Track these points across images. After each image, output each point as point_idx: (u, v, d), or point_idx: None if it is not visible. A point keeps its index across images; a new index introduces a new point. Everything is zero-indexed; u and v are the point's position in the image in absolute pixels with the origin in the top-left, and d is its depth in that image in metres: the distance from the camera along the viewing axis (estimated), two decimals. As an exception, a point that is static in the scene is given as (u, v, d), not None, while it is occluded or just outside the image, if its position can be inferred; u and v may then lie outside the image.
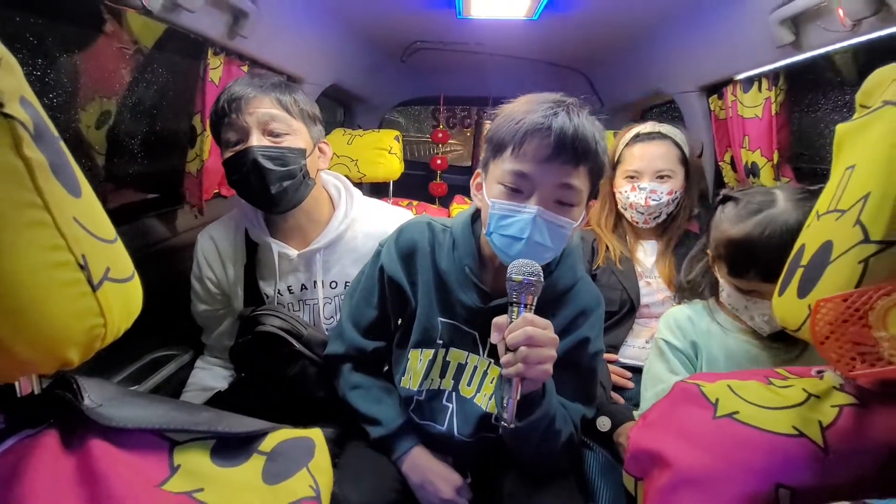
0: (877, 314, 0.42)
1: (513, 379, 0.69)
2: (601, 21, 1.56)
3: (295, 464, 0.44)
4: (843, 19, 0.90)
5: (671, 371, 0.89)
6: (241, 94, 0.95)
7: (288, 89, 1.01)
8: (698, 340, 0.90)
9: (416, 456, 0.90)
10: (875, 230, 0.44)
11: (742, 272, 0.82)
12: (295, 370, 0.98)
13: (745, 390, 0.55)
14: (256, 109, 0.96)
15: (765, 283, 0.80)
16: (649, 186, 1.23)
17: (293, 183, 0.98)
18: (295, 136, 0.99)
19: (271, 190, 0.96)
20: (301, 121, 1.01)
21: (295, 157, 0.98)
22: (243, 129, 0.96)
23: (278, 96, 0.98)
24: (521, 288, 0.70)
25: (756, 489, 0.47)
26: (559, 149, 0.73)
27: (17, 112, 0.32)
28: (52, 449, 0.37)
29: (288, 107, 0.99)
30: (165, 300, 1.03)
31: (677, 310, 0.96)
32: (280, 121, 0.98)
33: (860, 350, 0.43)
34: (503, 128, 0.77)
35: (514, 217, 0.76)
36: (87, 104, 1.14)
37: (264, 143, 0.96)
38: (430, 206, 2.26)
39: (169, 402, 0.48)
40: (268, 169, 0.94)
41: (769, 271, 0.77)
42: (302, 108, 1.02)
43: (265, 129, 0.97)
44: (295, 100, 1.01)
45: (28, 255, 0.32)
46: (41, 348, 0.34)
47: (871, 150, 0.46)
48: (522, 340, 0.68)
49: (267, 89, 0.98)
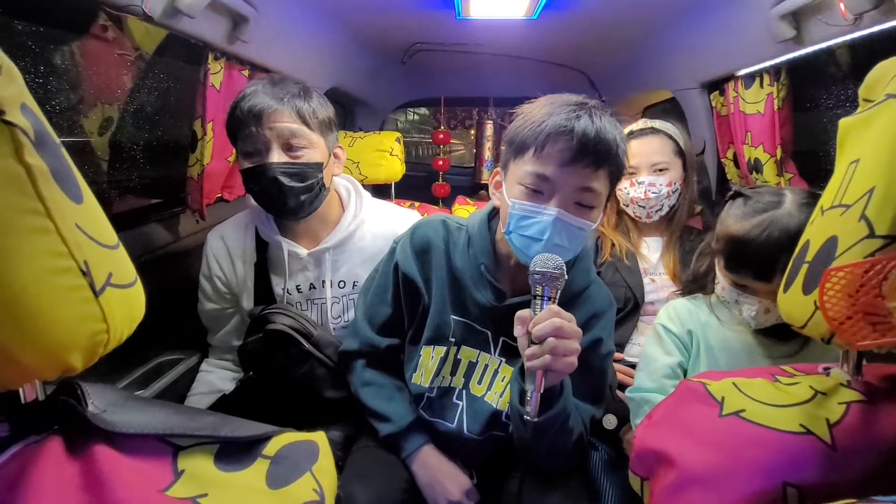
0: (891, 284, 0.41)
1: (536, 372, 0.69)
2: (600, 19, 1.56)
3: (299, 468, 0.44)
4: (844, 13, 0.89)
5: (666, 352, 0.91)
6: (262, 107, 0.95)
7: (307, 98, 1.01)
8: (695, 330, 0.91)
9: (425, 454, 0.90)
10: (880, 225, 0.43)
11: (736, 267, 0.84)
12: (303, 370, 0.99)
13: (752, 388, 0.55)
14: (276, 124, 0.96)
15: (756, 281, 0.82)
16: (647, 180, 1.24)
17: (310, 196, 1.00)
18: (313, 149, 1.00)
19: (289, 203, 0.98)
20: (319, 132, 1.02)
21: (313, 172, 0.99)
22: (263, 143, 0.97)
23: (298, 108, 0.98)
24: (545, 280, 0.71)
25: (763, 488, 0.47)
26: (581, 152, 0.73)
27: (18, 119, 0.32)
28: (56, 455, 0.37)
29: (307, 119, 0.99)
30: (170, 304, 1.04)
31: (678, 301, 0.98)
32: (299, 135, 0.98)
33: (872, 320, 0.42)
34: (525, 129, 0.77)
35: (535, 218, 0.77)
36: (90, 111, 1.15)
37: (284, 158, 0.97)
38: (432, 207, 2.26)
39: (172, 406, 0.48)
40: (287, 186, 0.96)
41: (762, 270, 0.80)
42: (320, 119, 1.02)
43: (285, 143, 0.97)
44: (314, 110, 1.00)
45: (30, 261, 0.32)
46: (44, 354, 0.34)
47: (875, 145, 0.46)
48: (550, 331, 0.68)
49: (287, 101, 0.97)
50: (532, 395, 0.70)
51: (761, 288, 0.82)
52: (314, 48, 1.63)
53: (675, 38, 1.56)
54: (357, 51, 1.90)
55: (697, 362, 0.90)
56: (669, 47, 1.63)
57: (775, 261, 0.77)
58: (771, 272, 0.79)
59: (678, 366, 0.90)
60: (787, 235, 0.77)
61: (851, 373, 0.54)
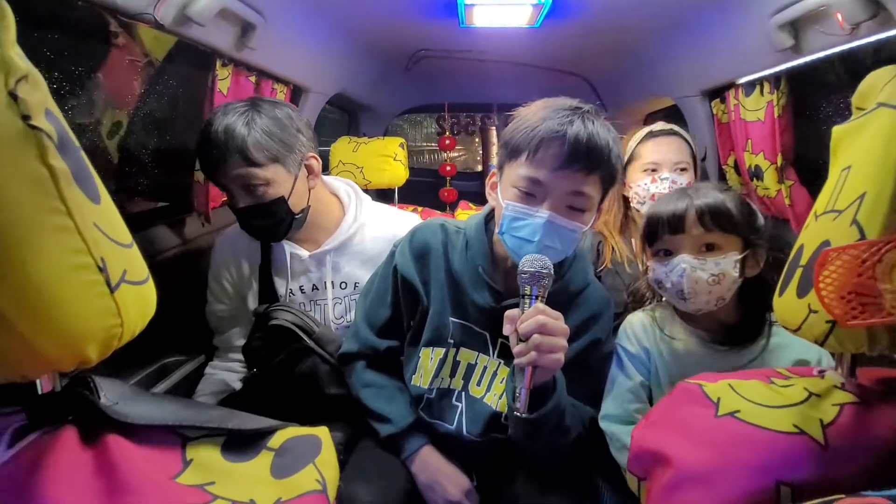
0: (884, 267, 0.42)
1: (525, 368, 0.71)
2: (602, 27, 1.58)
3: (302, 459, 0.46)
4: (841, 23, 0.90)
5: (626, 375, 0.91)
6: (212, 160, 0.97)
7: (251, 130, 0.95)
8: (651, 347, 0.91)
9: (425, 455, 0.90)
10: (871, 229, 0.44)
11: (653, 232, 0.87)
12: (306, 366, 1.00)
13: (747, 389, 0.55)
14: (228, 172, 0.97)
15: (672, 235, 0.85)
16: (671, 177, 1.25)
17: (283, 225, 1.04)
18: (272, 185, 0.98)
19: (266, 234, 1.05)
20: (274, 164, 0.98)
21: (276, 206, 1.00)
22: (226, 189, 1.01)
23: (243, 152, 0.95)
24: (532, 280, 0.72)
25: (758, 486, 0.48)
26: (573, 157, 0.75)
27: (43, 124, 0.34)
28: (71, 443, 0.39)
29: (254, 160, 0.95)
30: (175, 306, 1.05)
31: (634, 317, 0.97)
32: (253, 177, 0.96)
33: (863, 301, 0.43)
34: (519, 132, 0.78)
35: (527, 220, 0.78)
36: (101, 116, 1.18)
37: (247, 201, 0.99)
38: (435, 211, 2.28)
39: (181, 400, 0.49)
40: (257, 224, 1.02)
41: (672, 218, 0.84)
42: (271, 152, 0.97)
43: (243, 186, 0.98)
44: (259, 144, 0.95)
45: (52, 257, 0.34)
46: (62, 346, 0.36)
47: (866, 151, 0.47)
48: (535, 328, 0.69)
49: (232, 149, 0.94)
50: (521, 391, 0.71)
51: (679, 242, 0.84)
52: (320, 55, 1.66)
53: (676, 46, 1.58)
54: (362, 58, 1.93)
55: (658, 379, 0.89)
56: (670, 55, 1.65)
57: (683, 212, 0.83)
58: (681, 220, 0.83)
59: (640, 386, 0.89)
60: (687, 197, 0.84)
61: (845, 375, 0.55)
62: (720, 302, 0.83)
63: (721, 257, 0.82)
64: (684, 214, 0.83)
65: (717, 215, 0.82)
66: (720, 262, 0.81)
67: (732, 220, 0.82)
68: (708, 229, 0.83)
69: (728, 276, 0.81)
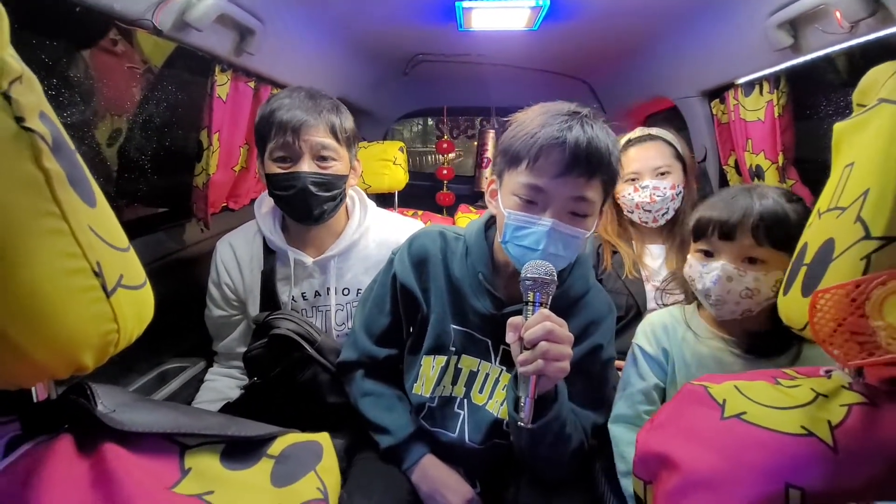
0: (873, 304, 0.42)
1: (530, 377, 0.69)
2: (601, 29, 1.58)
3: (303, 466, 0.45)
4: (840, 21, 0.90)
5: (640, 376, 0.89)
6: (299, 121, 0.99)
7: (339, 113, 1.06)
8: (671, 348, 0.89)
9: (426, 465, 0.89)
10: (876, 226, 0.44)
11: (703, 230, 0.84)
12: (307, 375, 1.00)
13: (753, 391, 0.55)
14: (311, 137, 1.00)
15: (720, 241, 0.81)
16: (651, 184, 1.25)
17: (333, 204, 1.05)
18: (341, 161, 1.05)
19: (314, 210, 1.03)
20: (346, 146, 1.07)
21: (338, 182, 1.04)
22: (295, 153, 1.01)
23: (331, 123, 1.03)
24: (536, 286, 0.71)
25: (766, 490, 0.47)
26: (574, 163, 0.74)
27: (37, 126, 0.33)
28: (67, 453, 0.38)
29: (338, 134, 1.04)
30: (175, 313, 1.05)
31: (655, 316, 0.96)
32: (330, 148, 1.03)
33: (859, 340, 0.43)
34: (518, 140, 0.78)
35: (530, 229, 0.77)
36: (99, 122, 1.18)
37: (315, 168, 1.01)
38: (435, 215, 2.28)
39: (179, 407, 0.48)
40: (315, 195, 1.01)
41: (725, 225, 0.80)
42: (348, 135, 1.07)
43: (316, 154, 1.02)
44: (344, 126, 1.06)
45: (46, 261, 0.33)
46: (57, 352, 0.35)
47: (869, 148, 0.47)
48: (542, 335, 0.68)
49: (322, 115, 1.02)
50: (526, 401, 0.70)
51: (724, 248, 0.81)
52: (319, 60, 1.66)
53: (675, 47, 1.58)
54: (361, 62, 1.93)
55: (674, 381, 0.88)
56: (669, 56, 1.65)
57: (738, 221, 0.79)
58: (733, 228, 0.79)
59: (654, 388, 0.88)
60: (749, 202, 0.79)
61: (853, 375, 0.54)
62: (746, 313, 0.81)
63: (762, 273, 0.78)
64: (738, 224, 0.79)
65: (773, 229, 0.77)
66: (760, 277, 0.78)
67: (789, 236, 0.73)
68: (759, 243, 0.78)
69: (763, 293, 0.78)
